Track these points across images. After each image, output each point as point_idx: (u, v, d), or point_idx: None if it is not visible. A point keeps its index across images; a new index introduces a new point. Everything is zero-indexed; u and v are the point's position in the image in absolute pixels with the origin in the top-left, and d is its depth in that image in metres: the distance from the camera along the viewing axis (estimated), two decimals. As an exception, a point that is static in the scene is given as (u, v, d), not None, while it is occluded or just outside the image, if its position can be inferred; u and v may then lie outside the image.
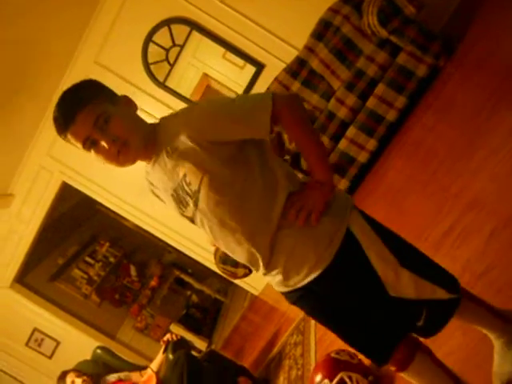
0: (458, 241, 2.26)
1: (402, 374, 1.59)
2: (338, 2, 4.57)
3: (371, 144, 4.39)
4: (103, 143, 1.37)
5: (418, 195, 3.18)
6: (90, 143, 1.38)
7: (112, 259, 8.92)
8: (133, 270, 9.01)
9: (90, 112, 1.35)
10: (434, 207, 2.74)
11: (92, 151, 1.40)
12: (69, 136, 1.38)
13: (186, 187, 1.41)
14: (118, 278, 8.79)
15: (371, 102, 4.36)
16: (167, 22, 5.00)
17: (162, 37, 5.10)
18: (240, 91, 5.16)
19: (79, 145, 1.40)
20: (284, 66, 4.74)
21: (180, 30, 5.10)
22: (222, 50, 5.10)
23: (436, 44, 4.24)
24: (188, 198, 1.43)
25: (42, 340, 6.91)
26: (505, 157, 2.34)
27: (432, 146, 3.57)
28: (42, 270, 7.71)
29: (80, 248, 8.74)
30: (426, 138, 3.81)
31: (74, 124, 1.35)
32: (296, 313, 4.13)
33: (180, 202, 1.47)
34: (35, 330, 6.87)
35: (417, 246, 1.57)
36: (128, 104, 1.46)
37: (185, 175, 1.39)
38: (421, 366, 1.57)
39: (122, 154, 1.39)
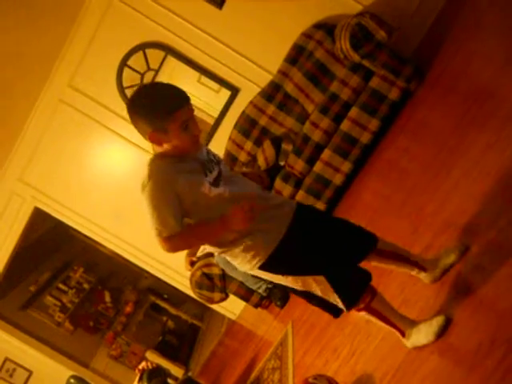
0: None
1: (372, 307, 2.01)
2: (311, 28, 4.64)
3: (346, 166, 4.42)
4: (195, 130, 1.92)
5: (394, 215, 3.21)
6: (185, 125, 1.88)
7: (86, 285, 8.76)
8: (107, 297, 8.84)
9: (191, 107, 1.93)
10: (410, 227, 2.76)
11: (184, 130, 1.88)
12: (179, 112, 1.85)
13: (212, 158, 2.04)
14: (92, 305, 8.62)
15: (345, 125, 4.41)
16: (142, 47, 5.00)
17: (137, 61, 5.10)
18: (215, 115, 5.18)
19: (177, 124, 1.86)
20: (259, 89, 4.78)
21: (155, 55, 5.11)
22: (197, 74, 5.13)
23: (407, 68, 4.33)
24: (214, 166, 2.01)
25: (14, 370, 6.71)
26: (478, 176, 2.38)
27: (406, 167, 3.61)
28: (13, 298, 7.53)
29: (53, 274, 8.57)
30: (400, 160, 3.86)
31: (186, 107, 1.88)
32: (274, 336, 4.09)
33: (207, 170, 1.97)
34: (6, 359, 6.67)
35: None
36: None
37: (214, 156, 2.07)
38: (381, 301, 2.06)
39: (198, 140, 1.97)
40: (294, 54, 4.64)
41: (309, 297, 2.20)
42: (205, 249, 4.71)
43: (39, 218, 6.03)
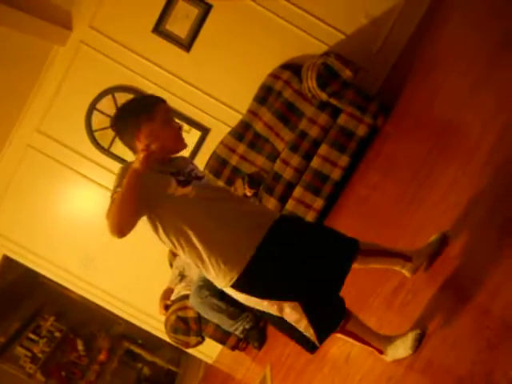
0: (409, 295, 2.27)
1: (347, 329, 2.02)
2: (278, 68, 4.73)
3: (318, 203, 4.44)
4: (176, 124, 2.09)
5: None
6: (168, 119, 2.05)
7: (57, 334, 8.49)
8: (80, 345, 8.57)
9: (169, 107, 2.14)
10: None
11: (168, 124, 2.04)
12: (159, 105, 2.04)
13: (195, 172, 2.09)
14: (64, 354, 8.34)
15: (315, 162, 4.44)
16: (111, 91, 5.01)
17: (107, 104, 5.09)
18: (187, 155, 5.18)
19: (160, 119, 2.01)
20: (229, 129, 4.81)
21: (125, 98, 5.11)
22: (166, 115, 5.14)
23: (373, 105, 4.41)
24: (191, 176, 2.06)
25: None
26: (447, 209, 2.40)
27: (377, 202, 3.64)
28: (-19, 351, 7.25)
29: (23, 324, 8.28)
30: (370, 195, 3.89)
31: (164, 103, 2.07)
32: (253, 380, 4.00)
33: (182, 175, 2.01)
34: (-27, 417, 6.37)
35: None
36: None
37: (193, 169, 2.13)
38: (356, 323, 2.06)
39: (181, 135, 2.13)
40: (263, 94, 4.71)
41: (283, 329, 2.07)
42: (179, 292, 4.64)
43: (7, 266, 5.86)
